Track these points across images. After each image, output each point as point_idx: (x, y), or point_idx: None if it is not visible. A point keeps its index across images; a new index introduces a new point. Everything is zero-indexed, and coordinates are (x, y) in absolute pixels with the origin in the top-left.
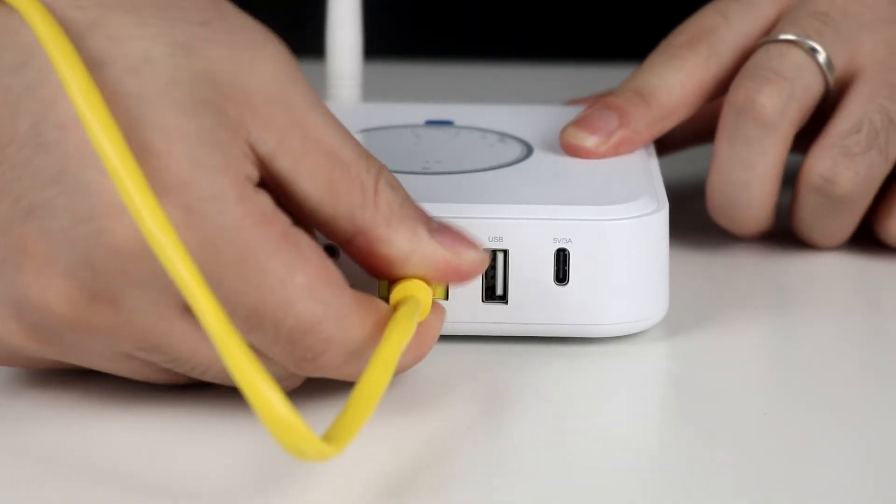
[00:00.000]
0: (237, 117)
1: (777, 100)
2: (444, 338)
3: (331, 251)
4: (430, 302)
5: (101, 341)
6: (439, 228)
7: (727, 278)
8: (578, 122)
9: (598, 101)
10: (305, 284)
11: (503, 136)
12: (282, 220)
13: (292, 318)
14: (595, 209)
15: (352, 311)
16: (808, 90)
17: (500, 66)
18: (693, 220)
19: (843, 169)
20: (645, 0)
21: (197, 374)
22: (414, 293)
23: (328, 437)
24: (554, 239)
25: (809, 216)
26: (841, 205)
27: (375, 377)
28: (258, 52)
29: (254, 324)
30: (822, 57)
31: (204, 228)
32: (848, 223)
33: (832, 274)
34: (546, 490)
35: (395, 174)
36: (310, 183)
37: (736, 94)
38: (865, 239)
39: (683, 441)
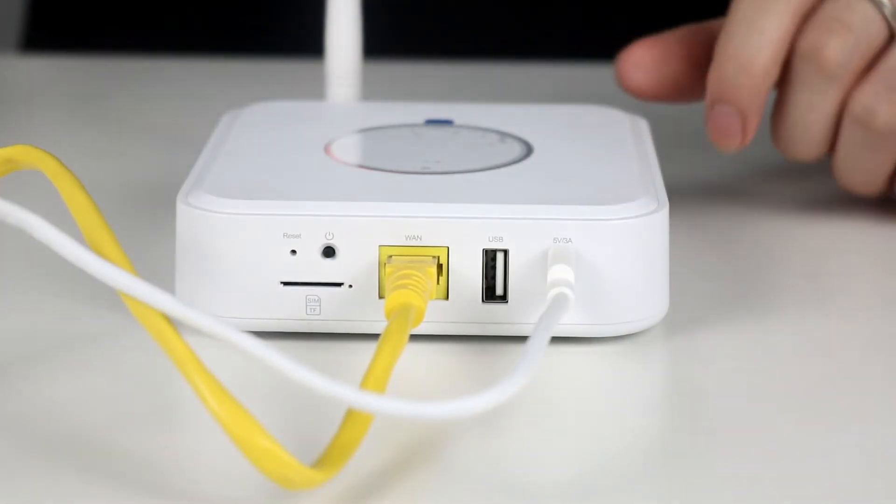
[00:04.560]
0: None
1: (840, 52)
2: (444, 338)
3: (329, 252)
4: (424, 308)
5: None
6: None
7: (727, 278)
8: (712, 134)
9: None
10: None
11: (503, 135)
12: None
13: None
14: (595, 209)
15: None
16: (873, 43)
17: (501, 65)
18: (693, 220)
19: (885, 102)
20: (646, 0)
21: None
22: (408, 301)
23: (320, 463)
24: (554, 239)
25: (849, 150)
26: (879, 139)
27: (372, 387)
28: None
29: None
30: (888, 9)
31: None
32: (884, 162)
33: (832, 274)
34: (546, 489)
35: (394, 174)
36: None
37: (803, 42)
38: (866, 239)
39: (683, 441)
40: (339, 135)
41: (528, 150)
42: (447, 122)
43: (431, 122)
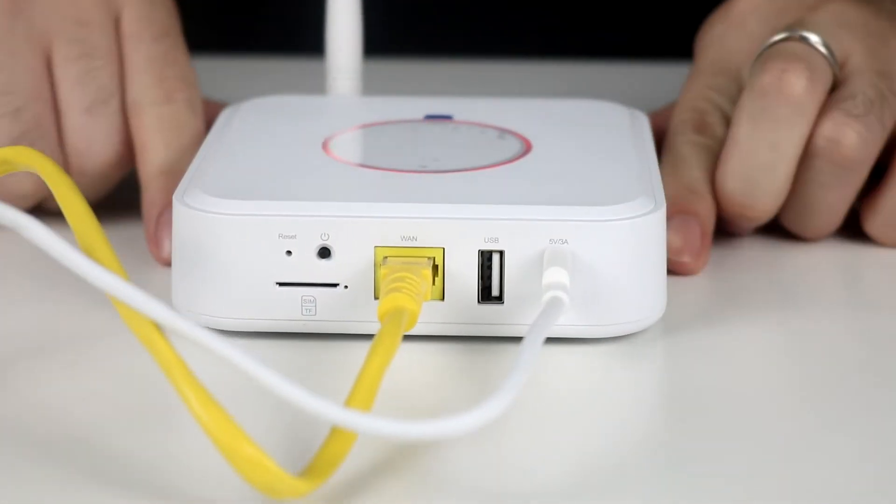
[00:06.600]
0: None
1: (803, 78)
2: (441, 338)
3: (325, 253)
4: (418, 311)
5: None
6: None
7: (727, 278)
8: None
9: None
10: None
11: (502, 132)
12: None
13: None
14: (591, 210)
15: None
16: (825, 72)
17: (501, 64)
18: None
19: (846, 129)
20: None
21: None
22: (401, 304)
23: (307, 472)
24: (550, 240)
25: (811, 188)
26: (843, 169)
27: (362, 393)
28: None
29: None
30: (822, 47)
31: None
32: (845, 196)
33: (832, 272)
34: (545, 490)
35: (391, 173)
36: None
37: (761, 78)
38: (865, 238)
39: (681, 440)
40: (338, 131)
41: (527, 146)
42: (446, 118)
43: (431, 118)
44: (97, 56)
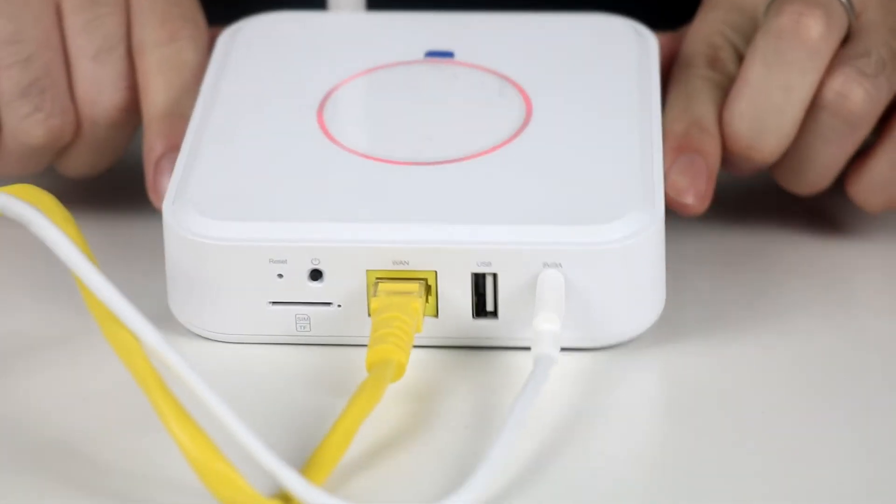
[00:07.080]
0: None
1: (821, 23)
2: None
3: (317, 275)
4: (405, 362)
5: None
6: None
7: (726, 280)
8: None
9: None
10: None
11: (503, 83)
12: None
13: None
14: (584, 230)
15: None
16: (841, 19)
17: None
18: (692, 218)
19: (856, 86)
20: None
21: None
22: (388, 356)
23: (280, 494)
24: (543, 263)
25: (813, 140)
26: (847, 125)
27: (335, 443)
28: None
29: None
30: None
31: None
32: (843, 152)
33: (830, 276)
34: (544, 493)
35: (384, 167)
36: None
37: (778, 20)
38: (864, 242)
39: (680, 443)
40: (334, 86)
41: (527, 109)
42: (448, 55)
43: (432, 55)
44: (104, 4)
